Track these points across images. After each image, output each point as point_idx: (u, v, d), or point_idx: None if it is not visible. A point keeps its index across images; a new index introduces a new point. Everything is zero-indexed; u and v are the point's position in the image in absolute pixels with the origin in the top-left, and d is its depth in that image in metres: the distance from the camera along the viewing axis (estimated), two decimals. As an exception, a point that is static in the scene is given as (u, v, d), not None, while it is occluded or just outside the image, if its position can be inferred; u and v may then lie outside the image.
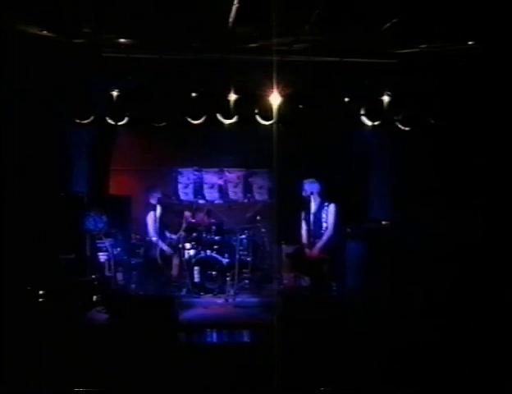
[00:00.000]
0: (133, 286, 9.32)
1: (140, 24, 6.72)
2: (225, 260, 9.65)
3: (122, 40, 7.42)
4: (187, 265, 9.51)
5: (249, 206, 10.88)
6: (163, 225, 9.32)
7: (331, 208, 8.32)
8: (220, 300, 9.26)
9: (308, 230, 8.46)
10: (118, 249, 9.48)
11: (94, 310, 8.31)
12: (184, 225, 9.48)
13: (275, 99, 8.17)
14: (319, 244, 8.27)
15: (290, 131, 8.83)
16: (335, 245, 8.30)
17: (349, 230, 8.71)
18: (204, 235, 9.87)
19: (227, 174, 11.16)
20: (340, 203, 8.44)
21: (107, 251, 9.23)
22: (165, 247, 8.49)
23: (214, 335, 7.34)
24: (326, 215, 8.32)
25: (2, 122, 7.22)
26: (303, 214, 8.54)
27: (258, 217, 10.31)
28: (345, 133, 9.44)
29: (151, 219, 8.60)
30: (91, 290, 8.57)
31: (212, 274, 9.50)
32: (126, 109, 8.55)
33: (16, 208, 7.29)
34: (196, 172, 11.12)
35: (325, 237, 8.27)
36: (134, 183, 10.75)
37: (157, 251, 8.67)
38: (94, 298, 8.51)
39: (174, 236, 9.52)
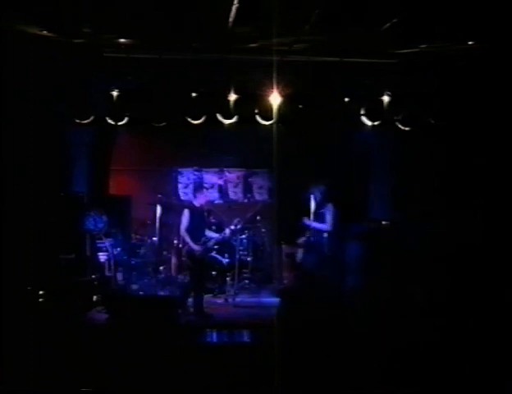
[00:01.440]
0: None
1: (140, 24, 6.72)
2: (225, 260, 9.64)
3: (122, 40, 7.42)
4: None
5: (249, 206, 10.86)
6: (205, 224, 8.78)
7: (331, 208, 8.30)
8: (220, 300, 9.26)
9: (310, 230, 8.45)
10: (118, 249, 9.48)
11: (94, 310, 8.32)
12: (233, 226, 8.95)
13: (275, 99, 8.17)
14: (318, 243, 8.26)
15: (290, 131, 8.83)
16: (335, 245, 8.30)
17: (349, 230, 8.71)
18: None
19: (227, 174, 11.17)
20: (340, 203, 8.43)
21: (107, 251, 9.23)
22: (195, 247, 8.27)
23: (214, 335, 7.33)
24: (328, 216, 8.29)
25: (2, 122, 7.22)
26: (307, 215, 8.52)
27: (258, 217, 10.31)
28: (345, 133, 9.44)
29: (186, 218, 8.36)
30: (91, 290, 8.57)
31: (212, 274, 9.50)
32: (126, 109, 8.54)
33: (16, 208, 7.29)
34: (196, 172, 11.13)
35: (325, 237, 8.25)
36: (135, 183, 10.76)
37: (184, 250, 8.48)
38: (94, 298, 8.52)
39: (216, 236, 8.94)
